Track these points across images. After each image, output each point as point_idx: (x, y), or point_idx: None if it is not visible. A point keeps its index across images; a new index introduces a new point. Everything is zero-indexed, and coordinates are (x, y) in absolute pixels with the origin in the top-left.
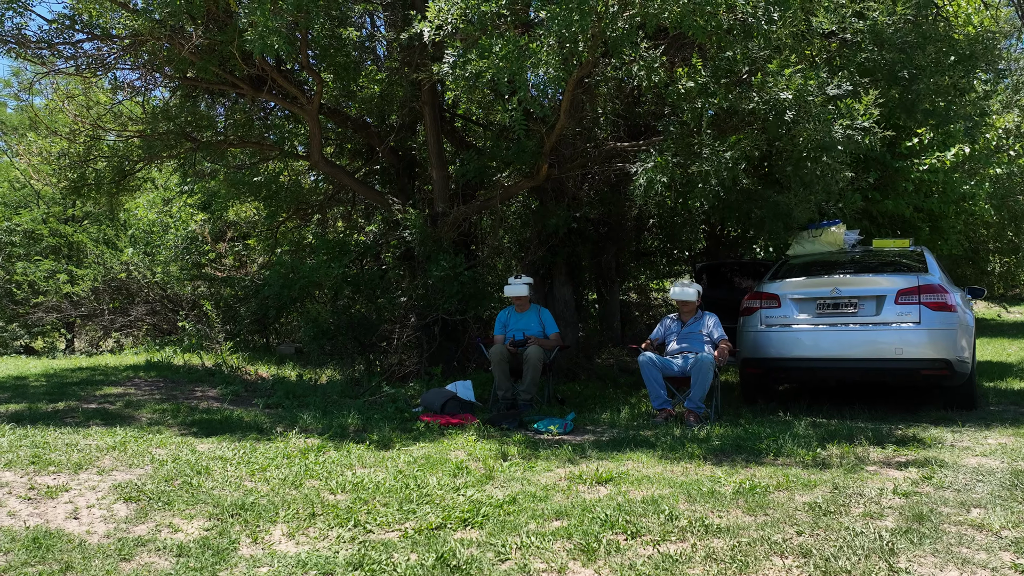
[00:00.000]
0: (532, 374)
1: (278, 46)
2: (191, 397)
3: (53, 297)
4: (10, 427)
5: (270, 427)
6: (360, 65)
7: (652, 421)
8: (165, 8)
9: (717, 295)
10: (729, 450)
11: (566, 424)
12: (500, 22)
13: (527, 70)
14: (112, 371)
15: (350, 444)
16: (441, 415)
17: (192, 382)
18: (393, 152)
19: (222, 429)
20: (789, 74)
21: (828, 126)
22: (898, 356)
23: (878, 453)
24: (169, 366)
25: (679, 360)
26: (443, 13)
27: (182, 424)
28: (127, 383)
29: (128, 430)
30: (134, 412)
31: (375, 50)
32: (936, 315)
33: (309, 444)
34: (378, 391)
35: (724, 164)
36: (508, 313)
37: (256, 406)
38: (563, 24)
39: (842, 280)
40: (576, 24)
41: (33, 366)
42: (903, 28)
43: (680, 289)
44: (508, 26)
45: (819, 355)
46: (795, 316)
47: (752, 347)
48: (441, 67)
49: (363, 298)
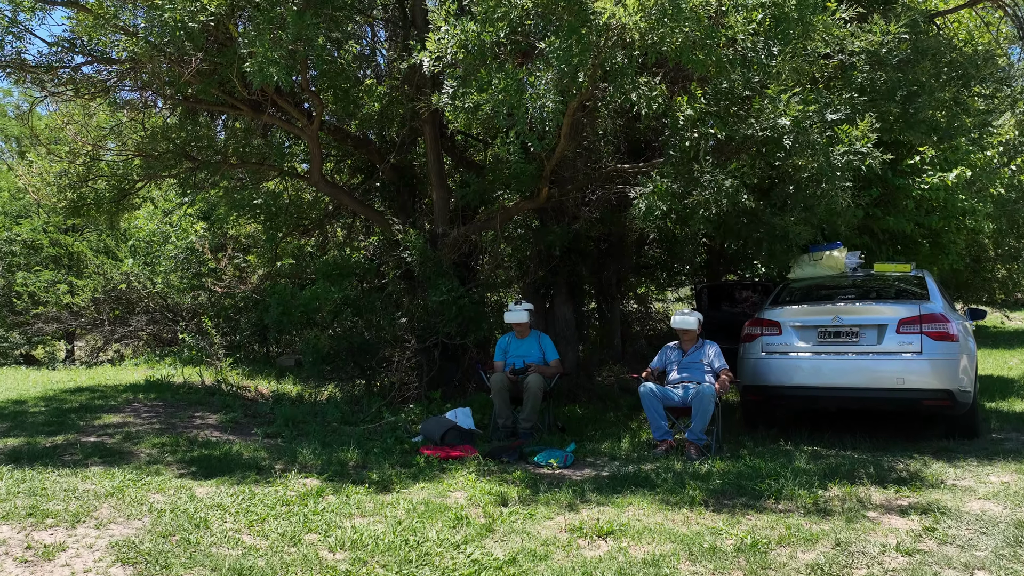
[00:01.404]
0: (532, 403)
1: (278, 77)
2: (190, 425)
3: (53, 308)
4: (8, 468)
5: (269, 464)
6: (360, 82)
7: (652, 453)
8: (164, 37)
9: (718, 316)
10: (730, 492)
11: (566, 457)
12: (500, 51)
13: (526, 103)
14: (111, 393)
15: (349, 487)
16: (441, 446)
17: (192, 405)
18: (394, 168)
19: (221, 468)
20: (787, 99)
21: (827, 152)
22: (899, 386)
23: (880, 494)
24: (168, 386)
25: (679, 390)
26: (443, 44)
27: (181, 462)
28: (126, 408)
29: (126, 471)
30: (133, 447)
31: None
32: (938, 345)
33: (308, 487)
34: (378, 418)
35: (724, 192)
36: (508, 339)
37: (255, 437)
38: (563, 59)
39: (843, 308)
40: (576, 58)
41: (32, 383)
42: (899, 48)
43: (681, 318)
44: (508, 55)
45: (820, 384)
46: (796, 344)
47: (753, 374)
48: (440, 97)
49: (363, 321)
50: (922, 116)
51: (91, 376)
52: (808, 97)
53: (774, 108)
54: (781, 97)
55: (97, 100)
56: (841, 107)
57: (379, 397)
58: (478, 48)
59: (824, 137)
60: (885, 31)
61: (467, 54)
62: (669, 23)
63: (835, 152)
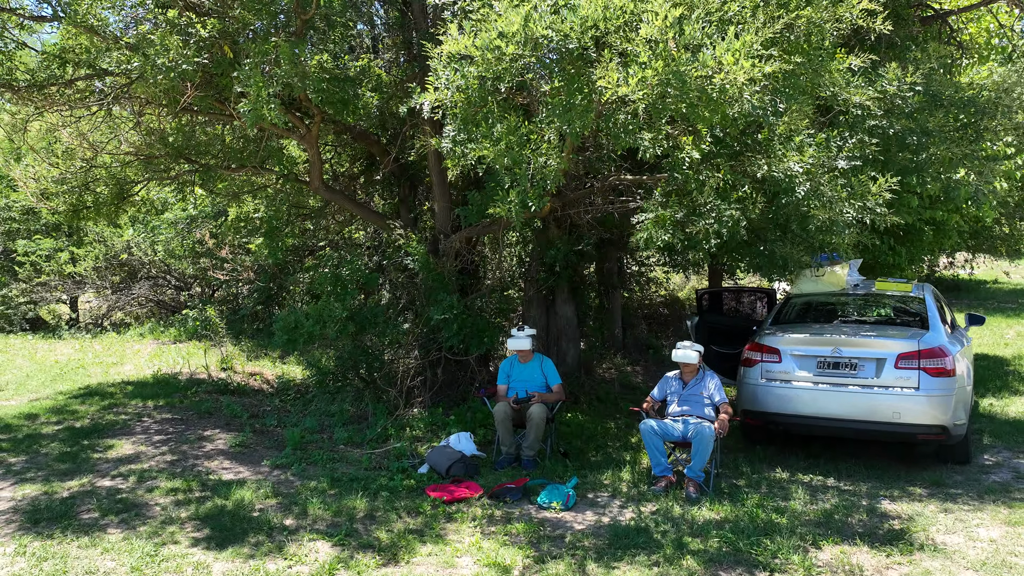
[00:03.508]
0: (536, 432)
1: (271, 117)
2: (200, 454)
3: (55, 276)
4: (29, 539)
5: (279, 523)
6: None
7: (652, 490)
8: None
9: (719, 321)
10: (727, 562)
11: (568, 497)
12: (500, 97)
13: (527, 159)
14: (120, 399)
15: (360, 560)
16: (446, 481)
17: (201, 418)
18: (394, 160)
19: (233, 533)
20: (799, 141)
21: (839, 206)
22: (896, 420)
23: (871, 559)
24: (176, 385)
25: (680, 424)
26: (443, 94)
27: (194, 519)
28: (137, 427)
29: (143, 540)
30: (147, 496)
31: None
32: (935, 381)
33: (320, 563)
34: (384, 437)
35: (725, 223)
36: (511, 363)
37: (265, 469)
38: (564, 118)
39: (843, 340)
40: (578, 121)
41: (39, 365)
42: (913, 98)
43: (683, 352)
44: (509, 105)
45: (817, 413)
46: (795, 372)
47: (751, 399)
48: (441, 141)
49: (368, 333)
50: (931, 169)
51: (97, 356)
52: (819, 140)
53: (785, 149)
54: (793, 139)
55: (92, 110)
56: (853, 152)
57: (383, 407)
58: (479, 95)
59: (837, 187)
60: (901, 80)
61: (467, 102)
62: (673, 92)
63: (847, 207)
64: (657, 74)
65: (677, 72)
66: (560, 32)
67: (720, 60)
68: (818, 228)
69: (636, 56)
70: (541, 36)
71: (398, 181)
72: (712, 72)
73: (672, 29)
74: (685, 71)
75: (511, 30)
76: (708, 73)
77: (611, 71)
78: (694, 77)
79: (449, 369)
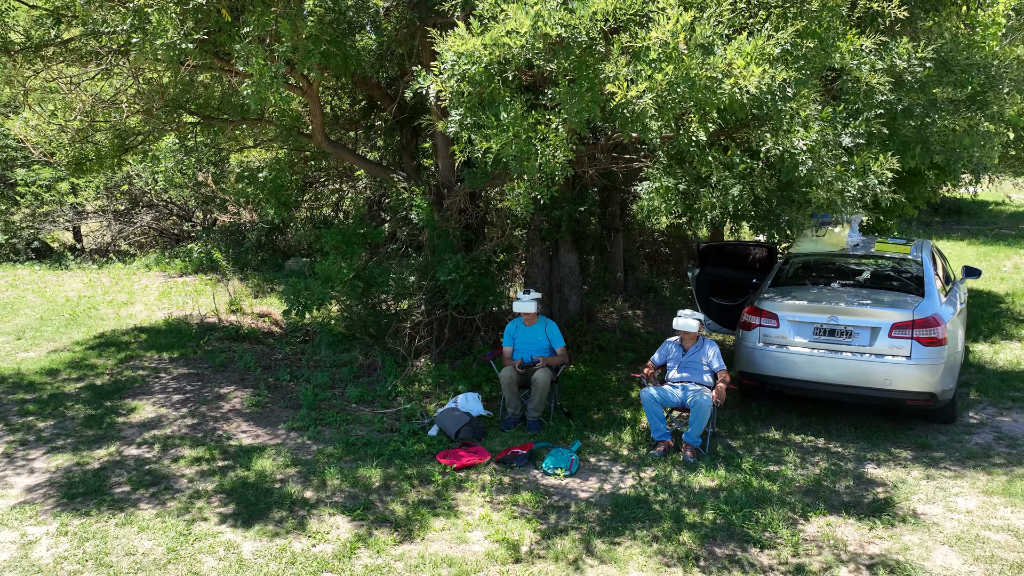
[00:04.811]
0: (540, 396)
1: (275, 100)
2: (219, 415)
3: (56, 206)
4: (67, 516)
5: (300, 496)
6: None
7: (651, 455)
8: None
9: (720, 274)
10: (722, 537)
11: (571, 461)
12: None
13: (534, 150)
14: (136, 351)
15: (378, 537)
16: (455, 446)
17: (216, 372)
18: (394, 101)
19: (258, 507)
20: (805, 116)
21: (842, 189)
22: (887, 387)
23: (855, 531)
24: (189, 333)
25: (679, 390)
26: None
27: (220, 492)
28: (155, 385)
29: (175, 517)
30: (173, 466)
31: None
32: (927, 350)
33: (341, 540)
34: (393, 395)
35: (730, 199)
36: (516, 325)
37: (281, 433)
38: (569, 112)
39: (840, 309)
40: (583, 113)
41: (50, 301)
42: (922, 71)
43: (683, 321)
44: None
45: (812, 378)
46: (792, 338)
47: (748, 361)
48: (448, 124)
49: (375, 291)
50: (934, 139)
51: (106, 292)
52: (825, 115)
53: (791, 124)
54: (800, 113)
55: (91, 71)
56: (859, 128)
57: (391, 359)
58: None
59: (839, 165)
60: (912, 54)
61: (473, 91)
62: (682, 91)
63: (850, 185)
64: (667, 76)
65: (687, 76)
66: (569, 26)
67: (730, 62)
68: (819, 206)
69: (646, 53)
70: (551, 33)
71: (400, 127)
72: (722, 76)
73: (683, 32)
74: (695, 75)
75: (522, 30)
76: (718, 76)
77: (619, 67)
78: (704, 78)
79: (456, 326)
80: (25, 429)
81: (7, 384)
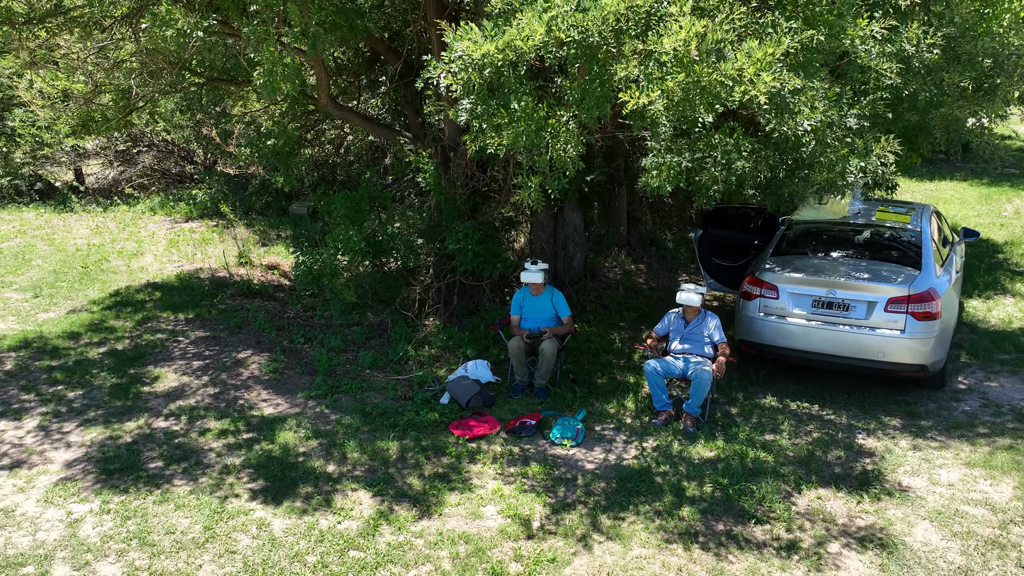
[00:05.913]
0: (547, 365)
1: (287, 89)
2: (239, 381)
3: (57, 148)
4: (108, 492)
5: (323, 471)
6: None
7: (653, 424)
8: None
9: (724, 236)
10: (719, 511)
11: (577, 431)
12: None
13: (545, 144)
14: (152, 312)
15: (400, 514)
16: (466, 415)
17: (233, 335)
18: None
19: (284, 484)
20: (811, 96)
21: (843, 170)
22: (881, 359)
23: (842, 505)
24: (203, 291)
25: (680, 362)
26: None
27: (250, 471)
28: (175, 350)
29: (208, 495)
30: (200, 439)
31: None
32: (920, 324)
33: (365, 517)
34: (404, 360)
35: (735, 172)
36: (523, 295)
37: (300, 401)
38: (580, 108)
39: (838, 283)
40: (593, 111)
41: (59, 249)
42: (931, 57)
43: (686, 295)
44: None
45: (809, 348)
46: (791, 309)
47: (748, 330)
48: (459, 113)
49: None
50: (937, 128)
51: (115, 240)
52: (831, 95)
53: (795, 104)
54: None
55: (97, 38)
56: (864, 110)
57: (401, 321)
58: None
59: (843, 146)
60: (921, 40)
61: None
62: (694, 98)
63: (851, 167)
64: (679, 83)
65: (698, 83)
66: (582, 27)
67: (741, 67)
68: (820, 187)
69: (658, 57)
70: (564, 36)
71: (404, 83)
72: (732, 83)
73: (695, 39)
74: (707, 82)
75: (536, 37)
76: (729, 83)
77: (630, 68)
78: (715, 83)
79: (464, 292)
80: (56, 399)
81: (32, 349)
